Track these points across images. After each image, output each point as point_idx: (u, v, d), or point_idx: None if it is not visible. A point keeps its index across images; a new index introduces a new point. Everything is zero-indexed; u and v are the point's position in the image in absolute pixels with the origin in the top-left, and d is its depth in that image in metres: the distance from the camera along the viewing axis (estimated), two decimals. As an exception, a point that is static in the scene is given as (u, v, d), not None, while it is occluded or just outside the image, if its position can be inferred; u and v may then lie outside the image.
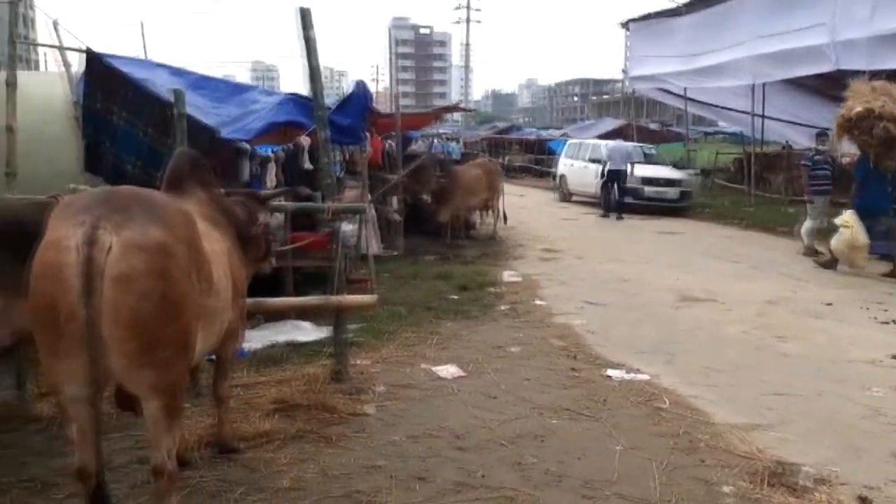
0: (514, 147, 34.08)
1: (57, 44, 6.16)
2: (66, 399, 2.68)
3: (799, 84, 18.54)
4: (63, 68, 6.45)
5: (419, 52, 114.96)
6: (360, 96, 7.17)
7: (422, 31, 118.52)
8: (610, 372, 5.54)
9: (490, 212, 13.32)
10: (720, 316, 7.53)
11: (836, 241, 9.97)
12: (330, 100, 7.54)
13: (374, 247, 8.45)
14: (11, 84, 4.78)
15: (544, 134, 35.35)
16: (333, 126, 5.47)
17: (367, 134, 8.56)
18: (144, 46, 9.06)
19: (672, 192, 17.67)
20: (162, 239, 2.65)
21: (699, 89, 21.58)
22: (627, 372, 5.56)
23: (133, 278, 2.54)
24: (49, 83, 6.27)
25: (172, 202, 2.98)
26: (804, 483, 3.81)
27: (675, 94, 23.18)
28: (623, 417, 4.67)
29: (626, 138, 22.08)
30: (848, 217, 9.80)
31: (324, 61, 5.08)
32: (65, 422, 2.82)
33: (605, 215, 16.76)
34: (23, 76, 5.24)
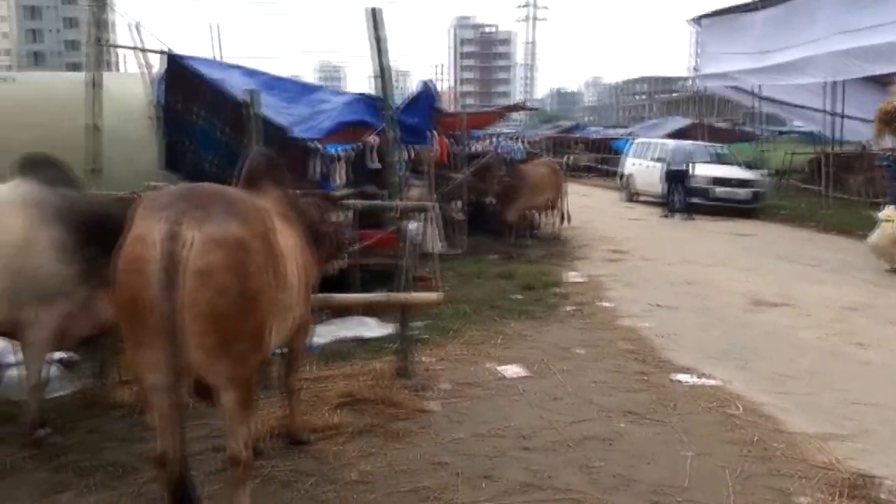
0: (578, 146, 33.67)
1: (138, 46, 6.41)
2: (148, 388, 2.79)
3: (880, 82, 17.70)
4: (143, 70, 6.71)
5: (482, 51, 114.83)
6: (427, 96, 7.22)
7: (485, 30, 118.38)
8: (679, 376, 5.42)
9: (553, 211, 13.20)
10: (795, 321, 7.26)
11: (877, 237, 9.63)
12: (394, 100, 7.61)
13: (437, 245, 8.48)
14: (97, 85, 5.01)
15: (609, 133, 34.83)
16: (401, 125, 5.52)
17: (433, 133, 8.60)
18: (220, 48, 9.36)
19: (744, 193, 17.12)
20: (240, 235, 2.72)
21: (772, 87, 20.86)
22: (698, 377, 5.42)
23: (212, 273, 2.62)
24: (129, 84, 6.53)
25: (249, 199, 3.06)
26: (887, 497, 3.64)
27: (746, 92, 22.47)
28: (693, 423, 4.56)
29: (694, 138, 21.53)
30: (890, 212, 9.49)
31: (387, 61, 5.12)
32: (146, 410, 2.93)
33: (666, 215, 16.47)
34: (105, 77, 5.47)
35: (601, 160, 29.88)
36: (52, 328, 4.09)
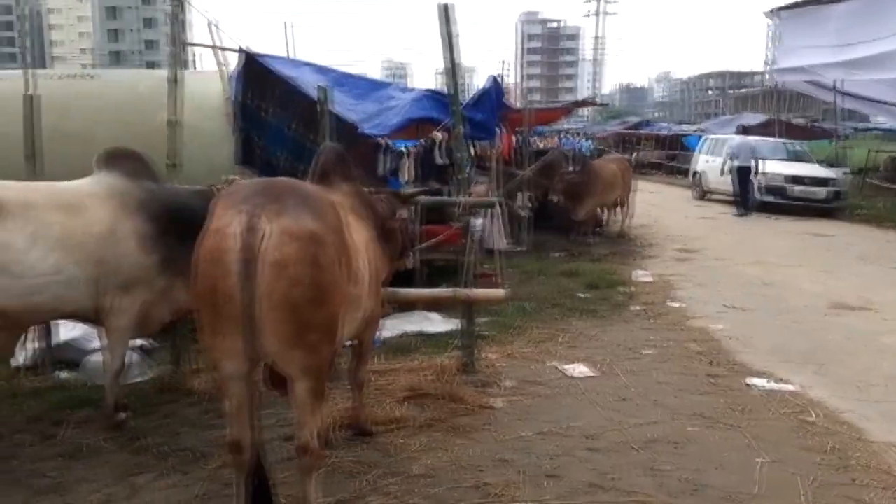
0: (646, 143, 32.96)
1: (215, 44, 6.61)
2: (224, 375, 2.87)
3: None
4: (219, 67, 6.91)
5: (548, 46, 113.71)
6: (494, 92, 7.20)
7: (552, 25, 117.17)
8: (752, 380, 5.25)
9: (619, 209, 12.98)
10: (876, 326, 6.93)
11: None
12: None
13: (501, 242, 8.46)
14: (177, 82, 5.19)
15: (678, 129, 33.97)
16: (468, 121, 5.51)
17: (499, 129, 8.57)
18: (290, 45, 9.56)
19: (821, 192, 16.43)
20: (313, 228, 2.77)
21: (853, 82, 19.93)
22: (772, 381, 5.24)
23: (286, 265, 2.68)
24: (206, 81, 6.73)
25: (323, 194, 3.12)
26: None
27: (825, 87, 21.54)
28: (766, 429, 4.41)
29: (770, 134, 20.79)
30: None
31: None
32: (221, 397, 3.02)
33: (740, 214, 16.01)
34: (184, 75, 5.65)
35: (670, 157, 29.16)
36: (133, 315, 4.25)
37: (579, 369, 5.40)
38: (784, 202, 16.13)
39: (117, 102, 6.80)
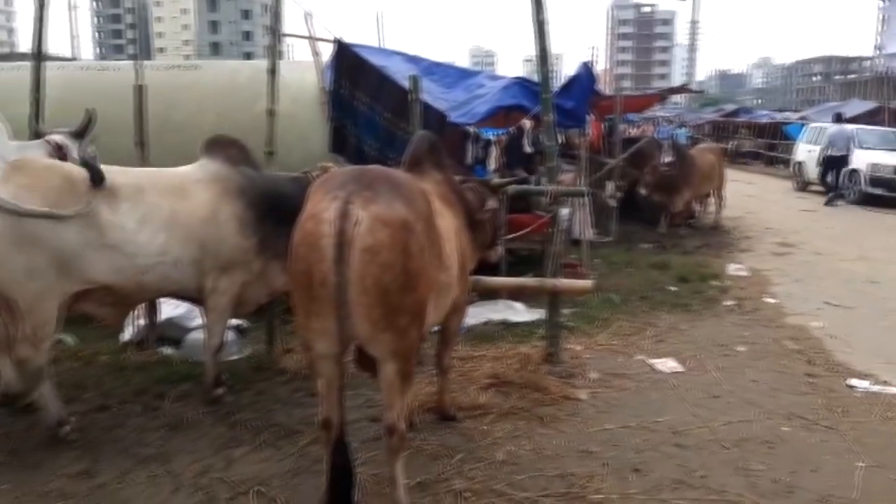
0: (742, 131, 31.57)
1: (310, 35, 6.79)
2: (316, 355, 2.97)
3: None
4: (314, 58, 7.09)
5: (640, 31, 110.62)
6: (585, 79, 7.08)
7: (644, 9, 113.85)
8: (853, 381, 4.99)
9: (713, 200, 12.53)
10: None
11: None
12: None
13: (587, 231, 8.34)
14: (275, 72, 5.36)
15: (778, 117, 32.36)
16: (557, 109, 5.44)
17: (589, 117, 8.43)
18: (381, 35, 9.71)
19: (936, 185, 15.37)
20: (404, 215, 2.83)
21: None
22: (875, 383, 4.96)
23: (378, 250, 2.74)
24: (301, 71, 6.91)
25: (414, 182, 3.17)
26: None
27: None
28: (867, 432, 4.19)
29: (880, 123, 19.54)
30: None
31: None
32: (312, 377, 3.13)
33: (830, 203, 15.29)
34: (280, 65, 5.82)
35: (770, 146, 27.82)
36: (232, 296, 4.45)
37: (668, 364, 5.28)
38: (892, 195, 15.18)
39: (218, 92, 7.08)
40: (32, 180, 3.62)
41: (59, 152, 4.45)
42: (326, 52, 7.28)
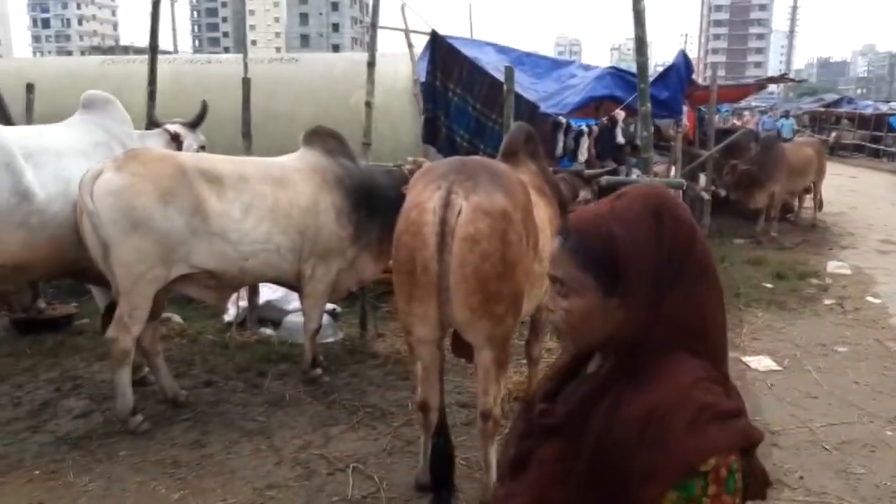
0: (843, 122, 29.87)
1: (406, 27, 6.92)
2: (415, 340, 3.08)
3: None
4: (409, 49, 7.22)
5: (735, 17, 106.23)
6: (682, 68, 6.91)
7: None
8: (966, 388, 4.73)
9: (811, 195, 11.91)
10: None
11: None
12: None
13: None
14: (371, 64, 5.51)
15: (884, 108, 30.47)
16: (652, 99, 5.35)
17: (683, 107, 8.21)
18: (471, 25, 9.76)
19: None
20: (504, 205, 2.88)
21: None
22: None
23: (478, 239, 2.81)
24: (395, 63, 7.06)
25: (513, 173, 3.22)
26: None
27: None
28: (982, 442, 3.97)
29: None
30: None
31: (630, 33, 4.98)
32: (411, 360, 3.23)
33: None
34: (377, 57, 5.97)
35: (874, 139, 26.24)
36: (329, 282, 4.62)
37: (764, 362, 5.14)
38: None
39: (315, 84, 7.32)
40: (145, 168, 3.83)
41: (176, 141, 4.71)
42: (417, 44, 7.43)
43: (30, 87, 5.97)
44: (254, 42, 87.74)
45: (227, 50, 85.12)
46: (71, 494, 3.31)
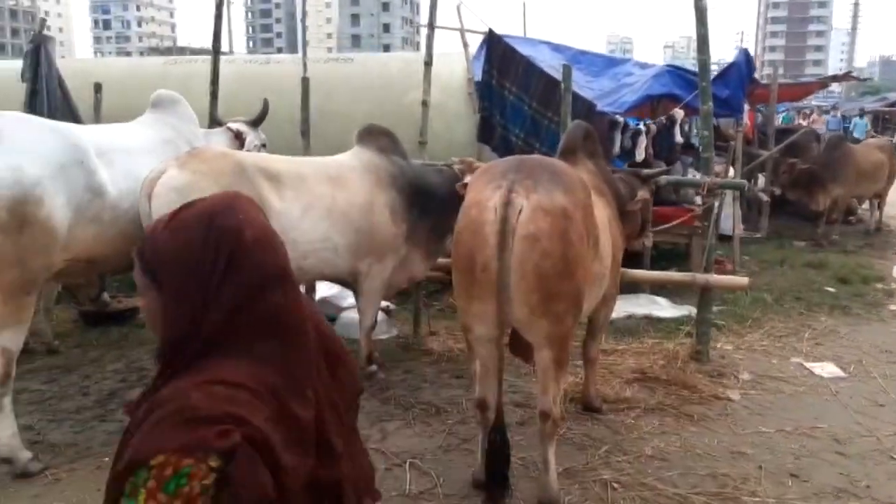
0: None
1: (462, 26, 6.94)
2: (474, 338, 3.09)
3: None
4: (465, 48, 7.24)
5: (793, 14, 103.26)
6: (743, 66, 6.75)
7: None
8: None
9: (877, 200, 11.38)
10: None
11: None
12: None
13: (738, 226, 7.97)
14: (428, 63, 5.54)
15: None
16: (713, 98, 5.22)
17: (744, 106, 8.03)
18: (525, 24, 9.71)
19: None
20: (565, 204, 2.86)
21: None
22: None
23: (538, 238, 2.80)
24: (450, 62, 7.07)
25: (573, 171, 3.20)
26: None
27: None
28: None
29: None
30: None
31: (684, 30, 4.89)
32: (469, 358, 3.24)
33: None
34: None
35: (941, 139, 25.17)
36: (384, 280, 4.66)
37: (828, 368, 4.99)
38: None
39: (370, 84, 7.39)
40: (207, 166, 3.91)
41: (239, 139, 4.82)
42: (471, 43, 7.43)
43: (97, 87, 6.18)
44: (307, 42, 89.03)
45: (279, 50, 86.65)
46: (138, 481, 3.40)
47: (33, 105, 5.99)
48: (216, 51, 6.00)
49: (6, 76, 7.25)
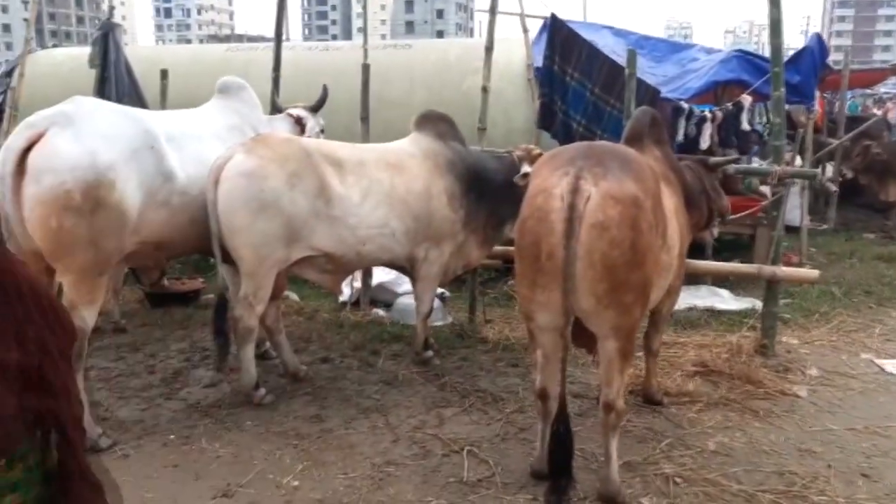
0: None
1: (522, 12, 6.85)
2: (537, 327, 3.04)
3: None
4: (524, 34, 7.15)
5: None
6: (816, 51, 6.48)
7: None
8: None
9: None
10: None
11: None
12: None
13: (805, 218, 7.69)
14: (489, 49, 5.48)
15: None
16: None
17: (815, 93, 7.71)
18: (585, 9, 9.56)
19: None
20: (635, 192, 2.80)
21: None
22: None
23: (607, 226, 2.74)
24: (508, 47, 6.98)
25: (643, 159, 3.12)
26: None
27: None
28: None
29: None
30: None
31: (746, 15, 4.70)
32: (531, 347, 3.20)
33: None
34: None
35: None
36: (441, 266, 4.65)
37: (900, 366, 4.79)
38: None
39: (429, 70, 7.36)
40: (273, 152, 3.96)
41: (300, 124, 4.86)
42: (530, 29, 7.34)
43: (164, 74, 6.31)
44: (360, 30, 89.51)
45: (334, 37, 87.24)
46: (204, 459, 3.50)
47: (103, 91, 6.17)
48: (278, 37, 6.06)
49: (77, 64, 7.50)
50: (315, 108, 5.10)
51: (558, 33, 5.84)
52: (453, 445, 3.64)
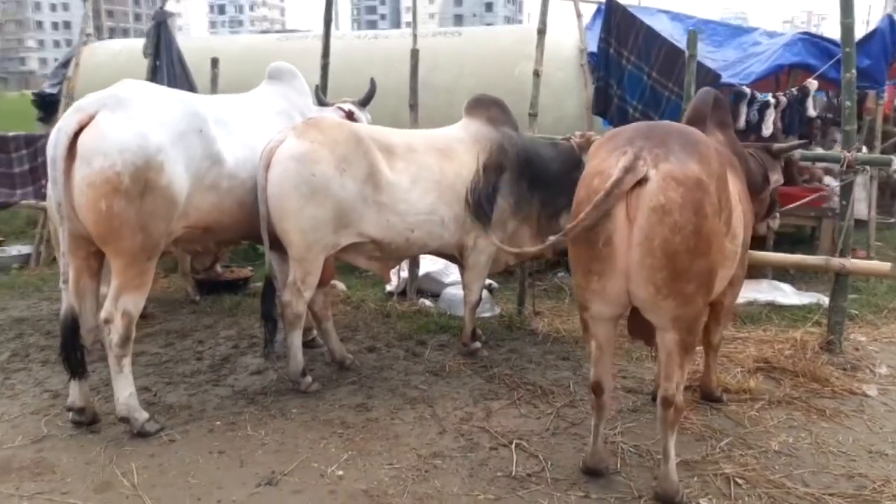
0: None
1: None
2: (591, 317, 2.90)
3: None
4: (578, 19, 6.97)
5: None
6: (888, 34, 6.12)
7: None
8: None
9: None
10: None
11: None
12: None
13: (872, 209, 7.33)
14: (542, 31, 5.33)
15: None
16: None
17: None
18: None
19: None
20: (699, 174, 2.63)
21: None
22: None
23: (669, 210, 2.58)
24: (559, 32, 6.80)
25: (708, 139, 2.94)
26: None
27: None
28: None
29: None
30: None
31: (803, 4, 4.42)
32: (586, 338, 3.06)
33: None
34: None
35: None
36: (490, 254, 4.54)
37: (982, 367, 4.48)
38: None
39: (478, 57, 7.24)
40: (324, 136, 3.90)
41: (350, 119, 4.78)
42: (584, 14, 7.14)
43: (214, 62, 6.32)
44: (408, 24, 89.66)
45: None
46: (249, 446, 3.46)
47: (154, 79, 6.22)
48: (327, 24, 5.99)
49: (132, 55, 7.60)
50: (364, 102, 5.04)
51: (614, 15, 5.63)
52: (501, 439, 3.53)
